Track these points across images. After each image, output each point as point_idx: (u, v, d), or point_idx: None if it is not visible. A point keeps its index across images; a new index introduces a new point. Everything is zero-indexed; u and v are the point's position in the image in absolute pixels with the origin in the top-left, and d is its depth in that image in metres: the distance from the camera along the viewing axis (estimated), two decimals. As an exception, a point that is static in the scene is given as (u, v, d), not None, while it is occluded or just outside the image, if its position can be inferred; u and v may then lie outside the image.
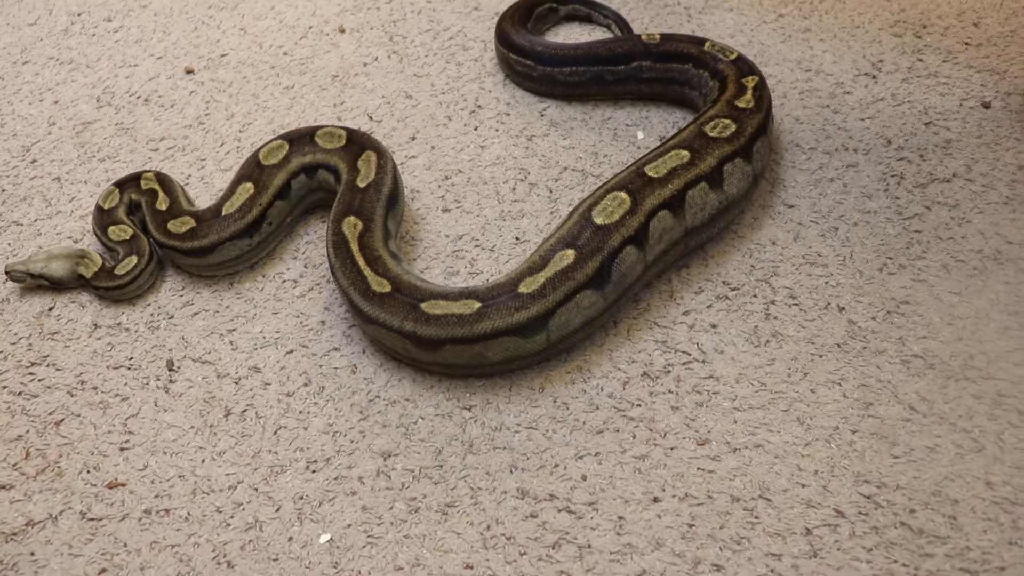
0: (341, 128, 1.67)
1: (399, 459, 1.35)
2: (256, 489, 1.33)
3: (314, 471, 1.34)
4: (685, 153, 1.52)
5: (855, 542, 1.23)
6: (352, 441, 1.38)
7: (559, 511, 1.28)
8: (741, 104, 1.62)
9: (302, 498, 1.31)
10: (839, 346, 1.45)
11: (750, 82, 1.68)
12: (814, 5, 2.12)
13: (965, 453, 1.31)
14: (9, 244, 1.69)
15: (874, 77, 1.91)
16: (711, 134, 1.55)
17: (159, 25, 2.20)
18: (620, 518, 1.27)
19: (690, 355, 1.45)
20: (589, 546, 1.25)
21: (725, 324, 1.49)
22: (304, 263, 1.63)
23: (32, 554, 1.27)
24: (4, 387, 1.47)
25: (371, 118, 1.90)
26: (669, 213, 1.46)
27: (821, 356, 1.44)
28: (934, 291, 1.51)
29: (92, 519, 1.31)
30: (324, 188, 1.66)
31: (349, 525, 1.28)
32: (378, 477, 1.33)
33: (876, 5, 2.10)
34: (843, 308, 1.50)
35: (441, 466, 1.34)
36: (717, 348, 1.46)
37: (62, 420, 1.43)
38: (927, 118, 1.81)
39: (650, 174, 1.49)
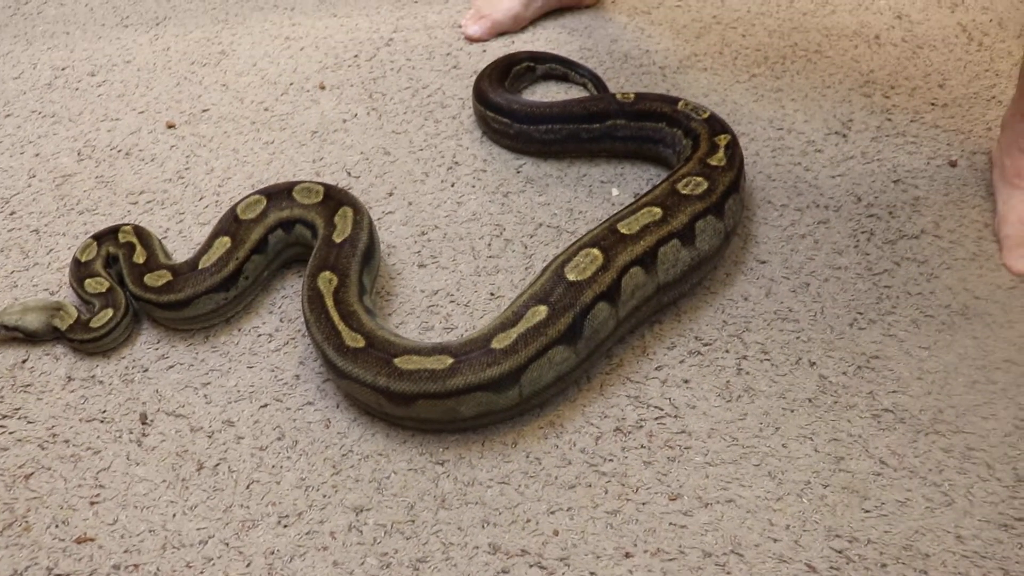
0: (319, 184, 1.69)
1: (371, 514, 1.35)
2: (227, 544, 1.32)
3: (286, 526, 1.34)
4: (657, 210, 1.54)
5: (826, 598, 1.23)
6: (324, 496, 1.37)
7: (531, 566, 1.28)
8: (713, 162, 1.65)
9: (273, 553, 1.30)
10: (810, 401, 1.46)
11: (722, 140, 1.71)
12: (786, 66, 2.17)
13: (935, 507, 1.32)
14: (-15, 297, 1.70)
15: (844, 136, 1.96)
16: (683, 192, 1.58)
17: (142, 80, 2.23)
18: (592, 574, 1.27)
19: (662, 410, 1.46)
20: (561, 602, 1.24)
21: (697, 379, 1.50)
22: (280, 317, 1.64)
23: (-3, 611, 1.26)
24: (-26, 441, 1.47)
25: (349, 174, 1.92)
26: (641, 270, 1.48)
27: (792, 411, 1.45)
28: (904, 346, 1.53)
29: (59, 575, 1.29)
30: (301, 243, 1.67)
31: (319, 581, 1.27)
32: (350, 532, 1.33)
33: (846, 66, 2.15)
34: (814, 363, 1.52)
35: (413, 521, 1.34)
36: (689, 403, 1.47)
37: (32, 473, 1.42)
38: (896, 176, 1.85)
39: (622, 231, 1.51)
